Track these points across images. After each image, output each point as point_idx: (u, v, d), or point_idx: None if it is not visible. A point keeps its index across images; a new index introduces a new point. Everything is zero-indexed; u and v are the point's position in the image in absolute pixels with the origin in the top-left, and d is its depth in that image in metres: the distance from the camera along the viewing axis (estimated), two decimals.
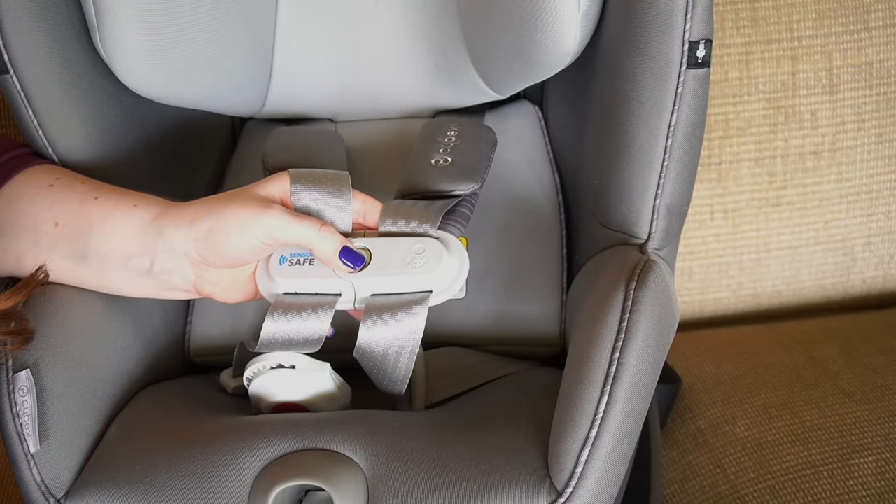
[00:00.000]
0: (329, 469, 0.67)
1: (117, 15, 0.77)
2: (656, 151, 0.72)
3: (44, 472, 0.69)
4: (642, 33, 0.71)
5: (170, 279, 0.74)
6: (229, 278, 0.76)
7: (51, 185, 0.76)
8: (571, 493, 0.64)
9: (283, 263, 0.76)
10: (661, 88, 0.71)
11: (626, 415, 0.65)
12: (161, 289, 0.75)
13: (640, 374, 0.66)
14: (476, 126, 0.90)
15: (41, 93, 0.78)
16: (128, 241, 0.73)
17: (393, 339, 0.73)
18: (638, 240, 0.76)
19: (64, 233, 0.74)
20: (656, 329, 0.68)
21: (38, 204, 0.75)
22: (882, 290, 1.30)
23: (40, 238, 0.74)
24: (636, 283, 0.69)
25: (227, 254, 0.72)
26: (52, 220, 0.74)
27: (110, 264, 0.74)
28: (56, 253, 0.74)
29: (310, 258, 0.76)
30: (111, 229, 0.73)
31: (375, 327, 0.73)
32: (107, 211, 0.74)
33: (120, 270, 0.74)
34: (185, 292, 0.76)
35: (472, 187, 0.81)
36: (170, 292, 0.76)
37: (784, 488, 0.97)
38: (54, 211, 0.74)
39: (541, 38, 0.77)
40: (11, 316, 0.69)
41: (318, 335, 0.74)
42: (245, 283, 0.77)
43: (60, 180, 0.77)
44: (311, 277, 0.75)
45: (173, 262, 0.73)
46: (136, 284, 0.75)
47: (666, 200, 0.74)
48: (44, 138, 0.80)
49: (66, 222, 0.74)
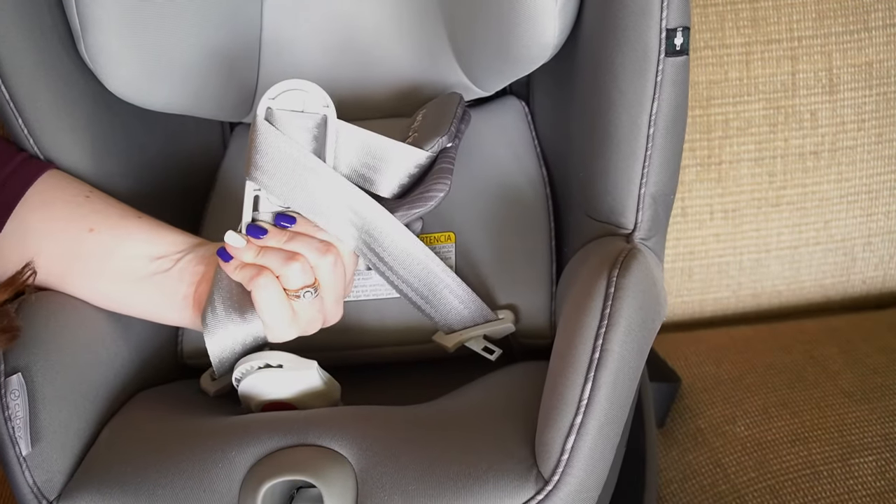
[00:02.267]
0: (318, 464, 0.67)
1: (101, 22, 0.77)
2: (639, 141, 0.73)
3: (36, 474, 0.69)
4: (620, 23, 0.71)
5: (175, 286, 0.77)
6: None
7: (87, 197, 0.78)
8: (558, 480, 0.64)
9: None
10: (641, 77, 0.71)
11: (611, 401, 0.65)
12: (164, 297, 0.77)
13: (624, 360, 0.66)
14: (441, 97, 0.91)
15: (30, 101, 0.79)
16: (164, 247, 0.77)
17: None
18: (624, 230, 0.76)
19: (96, 237, 0.76)
20: (640, 315, 0.68)
21: (75, 211, 0.77)
22: (882, 290, 1.29)
23: (67, 238, 0.76)
24: (619, 270, 0.69)
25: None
26: (88, 227, 0.76)
27: (135, 263, 0.77)
28: (72, 252, 0.76)
29: None
30: (155, 237, 0.77)
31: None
32: (153, 226, 0.78)
33: (137, 270, 0.76)
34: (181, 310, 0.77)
35: (438, 141, 0.81)
36: (168, 306, 0.77)
37: (784, 488, 0.97)
38: (90, 219, 0.77)
39: (520, 33, 0.78)
40: (2, 314, 0.70)
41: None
42: None
43: (95, 193, 0.80)
44: None
45: (187, 272, 0.76)
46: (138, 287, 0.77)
47: (651, 189, 0.74)
48: (34, 147, 0.81)
49: (104, 230, 0.77)
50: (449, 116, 0.84)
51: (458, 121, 0.84)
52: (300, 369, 0.75)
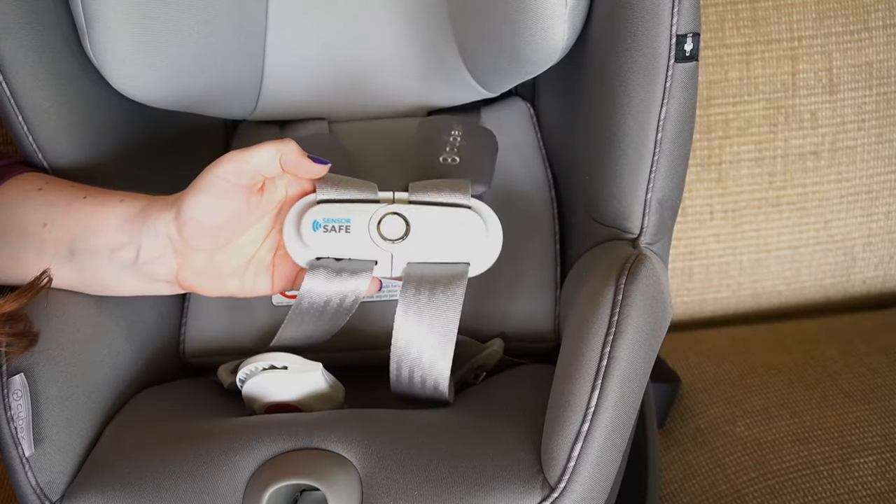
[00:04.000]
0: (323, 468, 0.66)
1: (106, 19, 0.77)
2: (646, 146, 0.72)
3: (39, 475, 0.69)
4: (630, 28, 0.71)
5: (153, 270, 0.74)
6: (210, 268, 0.75)
7: (40, 189, 0.77)
8: (564, 487, 0.64)
9: (317, 230, 0.75)
10: (650, 83, 0.71)
11: (618, 409, 0.65)
12: (145, 282, 0.75)
13: (631, 367, 0.66)
14: (478, 128, 0.90)
15: (31, 99, 0.79)
16: (113, 233, 0.73)
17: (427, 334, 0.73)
18: (630, 234, 0.76)
19: (52, 233, 0.74)
20: (647, 323, 0.67)
21: (27, 206, 0.75)
22: (882, 290, 1.30)
23: (29, 240, 0.74)
24: (626, 277, 0.69)
25: (201, 215, 0.72)
26: (41, 222, 0.74)
27: (97, 260, 0.74)
28: (44, 255, 0.74)
29: (345, 224, 0.75)
30: (97, 224, 0.74)
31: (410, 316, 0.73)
32: (94, 208, 0.74)
33: (106, 266, 0.74)
34: (168, 284, 0.76)
35: (481, 190, 0.81)
36: (154, 285, 0.76)
37: (784, 488, 0.97)
38: (42, 212, 0.75)
39: (529, 35, 0.77)
40: (16, 318, 0.69)
41: (356, 296, 0.75)
42: (226, 277, 0.76)
43: (50, 185, 0.77)
44: (346, 244, 0.75)
45: (157, 251, 0.73)
46: (122, 280, 0.75)
47: (657, 195, 0.74)
48: (34, 144, 0.80)
49: (55, 222, 0.74)
50: (491, 165, 0.84)
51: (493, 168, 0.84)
52: (305, 371, 0.75)
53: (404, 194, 0.77)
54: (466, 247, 0.75)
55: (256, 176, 0.72)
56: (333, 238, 0.75)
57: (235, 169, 0.71)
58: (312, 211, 0.75)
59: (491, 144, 0.87)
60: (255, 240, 0.76)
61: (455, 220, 0.75)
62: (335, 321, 0.76)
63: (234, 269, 0.76)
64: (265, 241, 0.77)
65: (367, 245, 0.75)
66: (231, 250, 0.76)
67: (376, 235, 0.74)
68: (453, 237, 0.75)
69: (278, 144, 0.72)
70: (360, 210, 0.75)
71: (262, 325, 0.88)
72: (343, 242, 0.75)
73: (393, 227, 0.75)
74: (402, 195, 0.77)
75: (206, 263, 0.75)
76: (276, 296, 0.88)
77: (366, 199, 0.76)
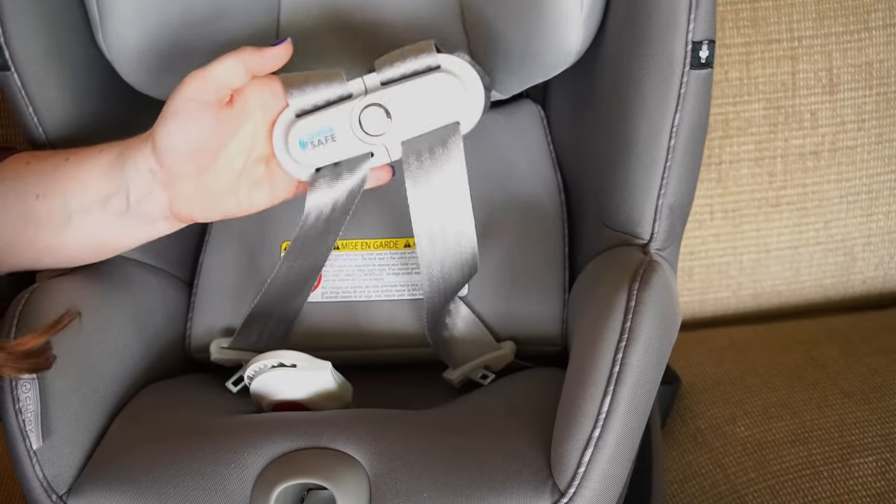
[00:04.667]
0: (331, 468, 0.67)
1: (120, 12, 0.77)
2: (659, 152, 0.72)
3: (46, 468, 0.69)
4: (645, 33, 0.71)
5: (147, 209, 0.74)
6: (201, 192, 0.74)
7: (28, 164, 0.76)
8: (574, 493, 0.64)
9: (306, 147, 0.75)
10: (664, 89, 0.71)
11: (629, 415, 0.65)
12: (145, 224, 0.75)
13: (643, 374, 0.66)
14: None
15: (41, 90, 0.79)
16: (100, 184, 0.73)
17: (439, 192, 0.75)
18: (640, 240, 0.76)
19: (46, 203, 0.74)
20: (659, 330, 0.67)
21: (19, 183, 0.75)
22: (882, 290, 1.30)
23: (25, 216, 0.74)
24: (639, 283, 0.69)
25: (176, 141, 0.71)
26: (34, 195, 0.74)
27: (92, 217, 0.74)
28: (42, 228, 0.74)
29: (329, 135, 0.75)
30: (83, 180, 0.74)
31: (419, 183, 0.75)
32: (77, 166, 0.74)
33: (103, 221, 0.74)
34: (166, 221, 0.75)
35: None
36: (154, 226, 0.75)
37: (784, 488, 0.97)
38: (33, 185, 0.74)
39: (543, 39, 0.77)
40: (38, 353, 0.69)
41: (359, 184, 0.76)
42: (219, 198, 0.76)
43: (36, 157, 0.77)
44: (336, 151, 0.76)
45: (145, 188, 0.73)
46: (122, 231, 0.75)
47: (668, 201, 0.74)
48: (44, 135, 0.80)
49: (46, 191, 0.74)
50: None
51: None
52: (314, 370, 0.75)
53: (374, 76, 0.76)
54: (450, 108, 0.75)
55: (222, 90, 0.72)
56: (323, 150, 0.75)
57: (197, 87, 0.71)
58: (295, 130, 0.75)
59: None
60: (238, 153, 0.75)
61: (430, 87, 0.75)
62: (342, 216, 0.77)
63: (226, 188, 0.75)
64: (250, 155, 0.76)
65: (357, 144, 0.76)
66: (217, 169, 0.75)
67: (362, 134, 0.75)
68: (434, 104, 0.75)
69: (235, 54, 0.72)
70: (338, 112, 0.75)
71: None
72: (334, 150, 0.76)
73: (375, 120, 0.75)
74: (371, 79, 0.76)
75: (195, 189, 0.74)
76: None
77: (339, 98, 0.76)
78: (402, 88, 0.75)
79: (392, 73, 0.76)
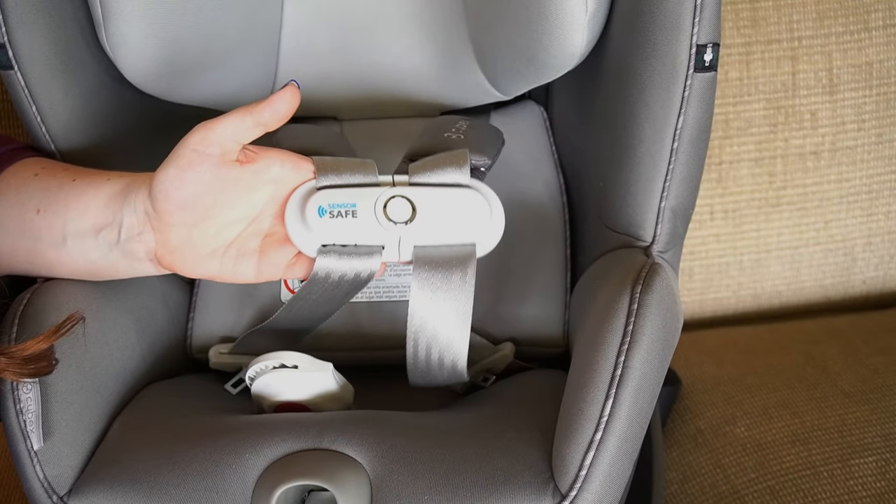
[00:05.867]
0: (332, 469, 0.67)
1: (123, 11, 0.76)
2: (662, 154, 0.72)
3: (47, 469, 0.69)
4: (650, 36, 0.71)
5: (133, 248, 0.73)
6: (187, 246, 0.73)
7: (35, 175, 0.76)
8: (576, 496, 0.64)
9: (324, 215, 0.73)
10: (668, 91, 0.71)
11: (631, 418, 0.65)
12: (132, 261, 0.74)
13: (645, 377, 0.66)
14: (484, 122, 0.90)
15: (45, 89, 0.78)
16: (99, 212, 0.73)
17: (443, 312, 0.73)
18: (643, 242, 0.76)
19: (45, 219, 0.74)
20: (661, 332, 0.67)
21: (23, 193, 0.75)
22: (882, 290, 1.30)
23: (25, 229, 0.74)
24: (642, 286, 0.69)
25: (170, 187, 0.70)
26: (35, 209, 0.74)
27: (86, 243, 0.73)
28: (39, 243, 0.74)
29: (351, 209, 0.74)
30: (85, 205, 0.73)
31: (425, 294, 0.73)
32: (82, 189, 0.74)
33: (95, 248, 0.74)
34: (150, 263, 0.74)
35: (484, 160, 0.79)
36: (139, 265, 0.74)
37: (784, 488, 0.97)
38: (37, 199, 0.74)
39: (547, 40, 0.77)
40: (41, 357, 0.69)
41: (371, 270, 0.74)
42: (205, 256, 0.74)
43: (46, 169, 0.77)
44: (353, 229, 0.74)
45: (136, 228, 0.72)
46: (111, 262, 0.74)
47: (671, 203, 0.74)
48: (47, 134, 0.80)
49: (47, 208, 0.74)
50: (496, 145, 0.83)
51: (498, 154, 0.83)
52: (315, 371, 0.75)
53: (404, 177, 0.76)
54: (472, 227, 0.74)
55: (226, 144, 0.71)
56: (340, 223, 0.73)
57: (200, 138, 0.70)
58: (316, 196, 0.74)
59: (496, 133, 0.86)
60: (239, 221, 0.74)
61: (459, 200, 0.75)
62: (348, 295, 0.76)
63: (213, 250, 0.74)
64: (250, 225, 0.75)
65: (375, 229, 0.74)
66: (209, 228, 0.73)
67: (384, 219, 0.74)
68: (459, 218, 0.74)
69: (243, 108, 0.71)
70: (365, 194, 0.74)
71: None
72: (350, 227, 0.74)
73: (400, 210, 0.74)
74: (401, 178, 0.76)
75: (182, 241, 0.73)
76: (284, 291, 0.88)
77: (367, 183, 0.75)
78: (432, 191, 0.75)
79: (424, 177, 0.76)
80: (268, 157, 0.74)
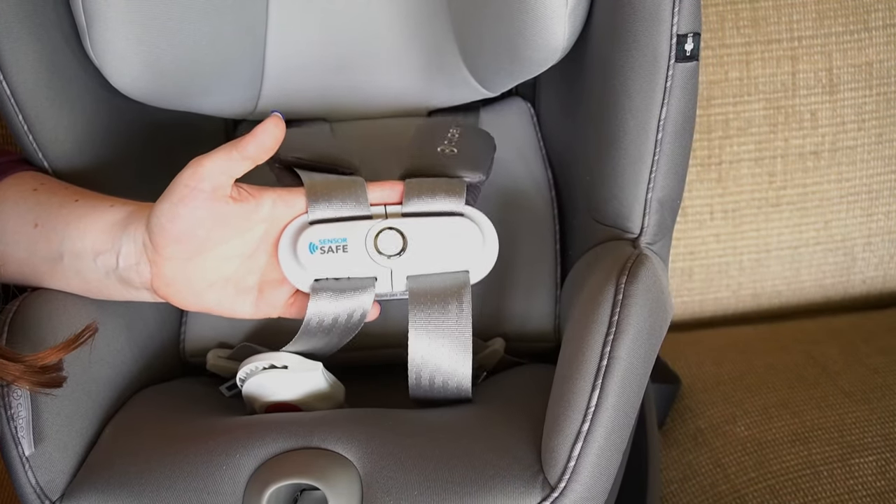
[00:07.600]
0: (323, 468, 0.67)
1: (107, 18, 0.77)
2: (646, 146, 0.72)
3: (39, 474, 0.69)
4: (630, 27, 0.71)
5: (130, 277, 0.73)
6: (182, 279, 0.74)
7: (34, 189, 0.76)
8: (564, 487, 0.64)
9: (314, 252, 0.74)
10: (650, 82, 0.71)
11: (618, 409, 0.65)
12: (128, 288, 0.75)
13: (631, 367, 0.66)
14: (475, 128, 0.90)
15: (31, 98, 0.78)
16: (98, 238, 0.73)
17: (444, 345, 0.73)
18: (630, 234, 0.76)
19: (43, 234, 0.74)
20: (648, 323, 0.67)
21: (21, 206, 0.75)
22: (882, 290, 1.30)
23: (20, 240, 0.74)
24: (627, 276, 0.69)
25: (165, 221, 0.71)
26: (33, 223, 0.74)
27: (83, 264, 0.74)
28: (34, 256, 0.74)
29: (342, 244, 0.74)
30: (85, 227, 0.73)
31: (423, 332, 0.73)
32: (84, 211, 0.74)
33: (92, 270, 0.74)
34: (147, 292, 0.75)
35: (479, 177, 0.80)
36: (136, 292, 0.75)
37: (784, 488, 0.97)
38: (35, 213, 0.75)
39: (529, 35, 0.77)
40: (51, 368, 0.68)
41: (363, 311, 0.74)
42: (201, 291, 0.75)
43: (45, 185, 0.77)
44: (344, 263, 0.74)
45: (133, 258, 0.73)
46: (107, 285, 0.75)
47: (658, 195, 0.74)
48: (34, 143, 0.80)
49: (45, 224, 0.74)
50: (488, 157, 0.83)
51: (491, 165, 0.83)
52: (305, 371, 0.75)
53: (397, 207, 0.76)
54: (464, 255, 0.75)
55: (217, 179, 0.71)
56: (331, 259, 0.74)
57: (191, 173, 0.70)
58: (307, 233, 0.74)
59: (489, 142, 0.87)
60: (234, 257, 0.75)
61: (451, 230, 0.75)
62: (342, 337, 0.76)
63: (209, 284, 0.74)
64: (246, 262, 0.75)
65: (366, 262, 0.74)
66: (205, 263, 0.74)
67: (374, 252, 0.74)
68: (451, 247, 0.75)
69: (230, 144, 0.71)
70: (356, 228, 0.75)
71: (263, 324, 0.88)
72: (341, 262, 0.74)
73: (390, 243, 0.74)
74: (394, 209, 0.76)
75: (176, 274, 0.73)
76: None
77: (359, 216, 0.76)
78: (423, 221, 0.75)
79: (416, 206, 0.76)
80: (261, 196, 0.74)
